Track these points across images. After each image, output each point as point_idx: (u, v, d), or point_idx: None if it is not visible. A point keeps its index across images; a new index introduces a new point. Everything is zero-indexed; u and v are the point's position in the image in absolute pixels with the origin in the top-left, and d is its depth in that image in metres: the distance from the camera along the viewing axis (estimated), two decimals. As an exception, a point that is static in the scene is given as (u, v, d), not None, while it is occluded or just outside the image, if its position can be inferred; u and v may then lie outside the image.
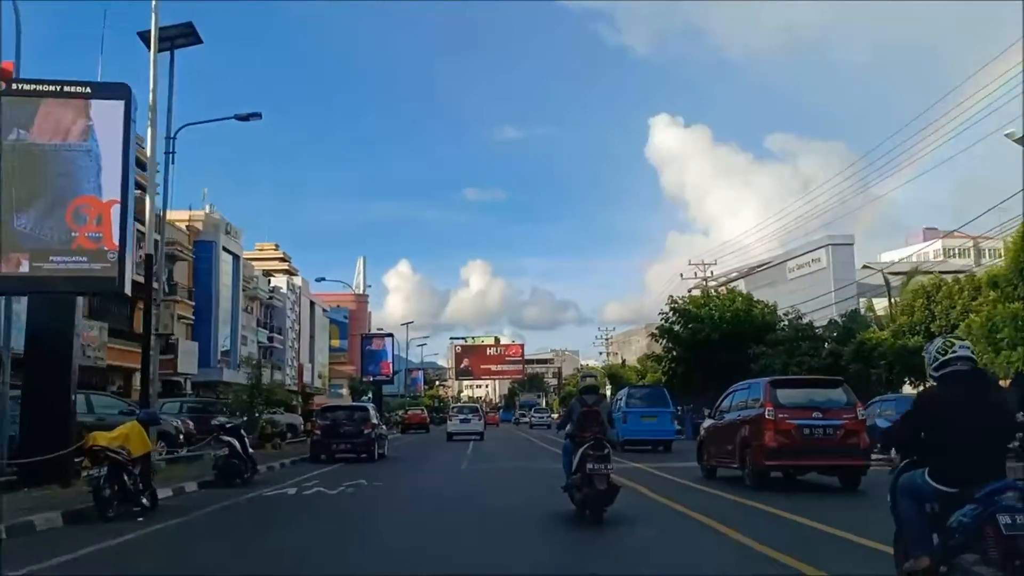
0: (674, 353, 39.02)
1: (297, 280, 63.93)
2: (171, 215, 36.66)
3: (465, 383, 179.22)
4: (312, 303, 68.67)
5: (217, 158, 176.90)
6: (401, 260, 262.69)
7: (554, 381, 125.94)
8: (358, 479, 14.71)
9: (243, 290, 49.62)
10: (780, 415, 11.97)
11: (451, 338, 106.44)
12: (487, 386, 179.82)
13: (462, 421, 36.82)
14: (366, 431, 20.51)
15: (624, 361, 66.11)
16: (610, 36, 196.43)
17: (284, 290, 59.71)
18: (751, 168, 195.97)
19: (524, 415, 77.29)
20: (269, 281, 58.96)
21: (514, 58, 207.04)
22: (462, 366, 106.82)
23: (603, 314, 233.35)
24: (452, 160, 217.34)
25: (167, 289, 39.52)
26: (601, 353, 74.67)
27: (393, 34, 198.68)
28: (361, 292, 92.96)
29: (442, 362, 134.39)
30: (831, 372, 22.94)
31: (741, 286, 46.97)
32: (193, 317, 41.75)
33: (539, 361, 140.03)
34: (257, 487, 13.75)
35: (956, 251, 58.70)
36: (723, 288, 39.07)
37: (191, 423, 21.62)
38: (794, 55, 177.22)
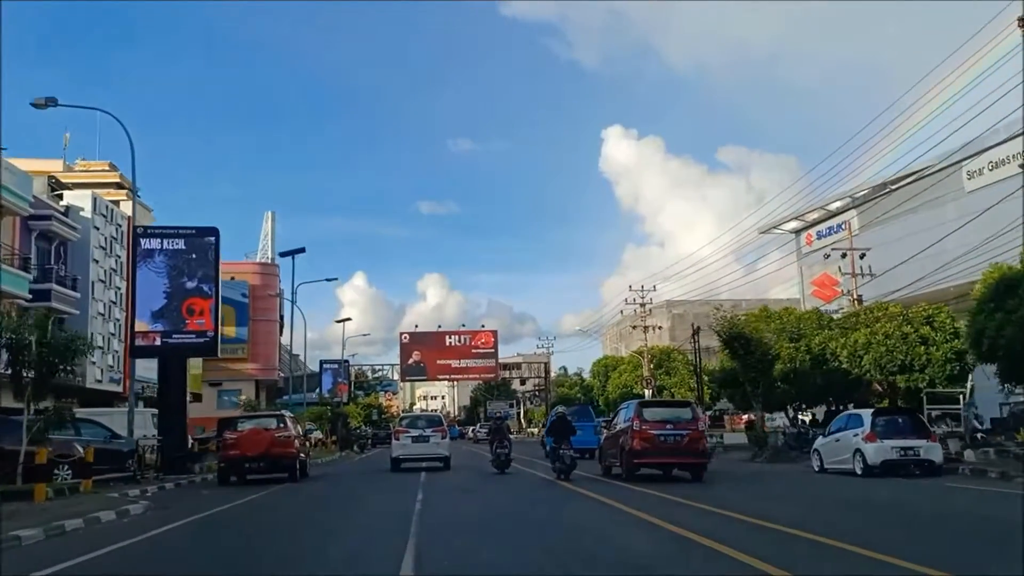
0: None
1: (125, 207, 38.20)
2: None
3: (419, 392, 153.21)
4: (164, 253, 43.06)
5: (161, 167, 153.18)
6: (357, 273, 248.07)
7: (524, 387, 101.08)
8: None
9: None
10: (644, 427, 17.30)
11: (400, 333, 76.62)
12: (443, 397, 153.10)
13: (416, 439, 23.98)
14: None
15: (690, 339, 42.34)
16: (561, 51, 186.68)
17: (87, 214, 34.06)
18: (705, 181, 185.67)
19: (485, 429, 54.74)
20: (61, 197, 33.54)
21: (467, 71, 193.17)
22: (411, 362, 73.67)
23: (560, 327, 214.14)
24: (406, 173, 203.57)
25: None
26: (635, 327, 51.24)
27: (345, 46, 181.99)
28: (269, 261, 67.48)
29: (396, 375, 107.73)
30: None
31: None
32: None
33: (505, 365, 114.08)
34: None
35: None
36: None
37: None
38: (743, 72, 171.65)
